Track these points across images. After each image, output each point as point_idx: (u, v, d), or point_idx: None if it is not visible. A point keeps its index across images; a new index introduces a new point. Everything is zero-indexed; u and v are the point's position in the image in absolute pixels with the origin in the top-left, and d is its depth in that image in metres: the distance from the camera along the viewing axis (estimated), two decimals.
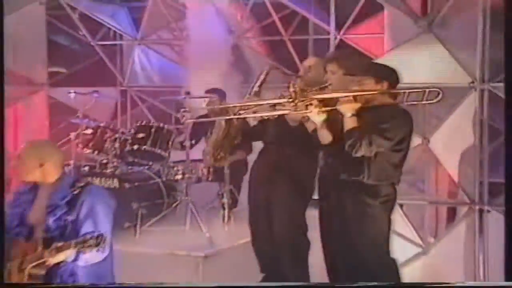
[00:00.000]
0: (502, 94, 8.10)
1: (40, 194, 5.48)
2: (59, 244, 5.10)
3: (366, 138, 6.02)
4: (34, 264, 5.27)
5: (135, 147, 9.43)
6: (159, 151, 9.37)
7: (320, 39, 11.43)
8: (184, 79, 11.63)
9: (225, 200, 9.02)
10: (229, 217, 9.00)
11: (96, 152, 9.58)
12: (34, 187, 5.50)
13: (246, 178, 8.98)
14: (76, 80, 12.00)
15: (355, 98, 6.13)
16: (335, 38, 10.66)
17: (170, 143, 9.40)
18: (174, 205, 9.02)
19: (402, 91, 6.24)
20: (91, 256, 5.16)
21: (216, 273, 7.87)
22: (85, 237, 5.16)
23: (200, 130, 9.61)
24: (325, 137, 6.36)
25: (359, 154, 6.07)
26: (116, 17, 12.00)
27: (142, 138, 9.38)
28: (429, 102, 6.13)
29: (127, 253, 7.06)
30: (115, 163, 9.51)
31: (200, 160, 9.36)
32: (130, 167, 9.66)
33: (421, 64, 7.17)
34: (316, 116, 6.25)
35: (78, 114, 10.44)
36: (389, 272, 6.51)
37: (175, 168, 9.36)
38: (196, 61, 11.25)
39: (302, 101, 6.20)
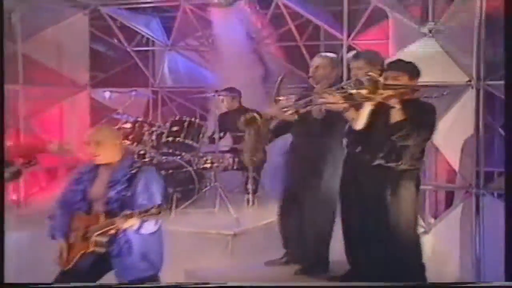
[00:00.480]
0: (495, 91, 8.18)
1: (101, 173, 5.77)
2: (128, 212, 5.38)
3: (416, 129, 6.16)
4: (99, 232, 5.54)
5: (170, 139, 9.67)
6: (191, 142, 9.59)
7: (330, 44, 11.32)
8: (209, 81, 11.79)
9: (249, 186, 9.23)
10: (253, 201, 9.22)
11: (135, 143, 9.76)
12: (95, 167, 5.80)
13: (266, 166, 9.32)
14: (113, 82, 12.27)
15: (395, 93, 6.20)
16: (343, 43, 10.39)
17: (200, 135, 9.62)
18: (204, 190, 9.30)
19: (430, 86, 6.57)
20: (149, 226, 5.47)
21: (244, 249, 8.12)
22: (148, 207, 5.43)
23: (226, 125, 9.77)
24: (361, 124, 6.40)
25: (406, 143, 6.19)
26: (150, 25, 12.09)
27: (176, 131, 9.62)
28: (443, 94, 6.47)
29: (165, 231, 7.35)
30: (152, 154, 9.72)
31: (227, 151, 9.56)
32: (164, 157, 9.75)
33: (422, 66, 7.34)
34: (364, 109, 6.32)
35: (118, 111, 10.86)
36: (416, 248, 6.62)
37: (205, 158, 9.53)
38: (220, 65, 11.28)
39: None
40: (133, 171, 5.72)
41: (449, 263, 8.34)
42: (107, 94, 12.33)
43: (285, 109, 7.36)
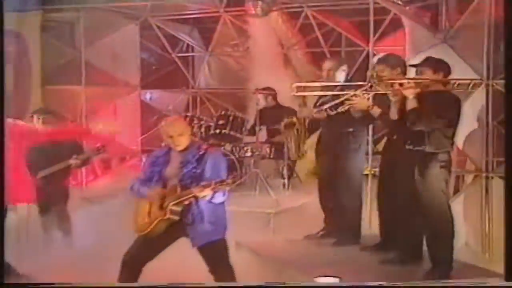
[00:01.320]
0: (502, 89, 7.80)
1: (173, 156, 5.95)
2: (204, 183, 5.55)
3: (424, 116, 6.22)
4: (174, 202, 5.72)
5: (217, 131, 9.81)
6: (235, 134, 9.76)
7: (350, 50, 11.33)
8: (243, 83, 11.68)
9: (285, 172, 9.41)
10: (288, 185, 9.41)
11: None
12: (167, 152, 6.01)
13: None
14: (160, 84, 12.45)
15: (416, 85, 6.29)
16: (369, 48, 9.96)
17: (243, 128, 9.76)
18: (246, 176, 9.45)
19: (453, 81, 6.46)
20: (219, 196, 5.63)
21: (284, 226, 8.19)
22: (222, 178, 5.65)
23: (263, 119, 9.81)
24: (393, 115, 6.55)
25: (417, 129, 6.25)
26: (191, 34, 12.19)
27: (222, 124, 9.75)
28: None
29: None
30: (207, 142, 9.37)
31: (264, 142, 9.67)
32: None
33: None
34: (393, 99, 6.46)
35: (169, 107, 11.10)
36: (446, 217, 6.55)
37: (245, 148, 9.69)
38: (253, 68, 11.24)
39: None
40: (201, 152, 5.87)
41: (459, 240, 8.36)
42: (148, 95, 12.46)
43: (316, 110, 7.56)
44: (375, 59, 7.97)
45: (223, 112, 10.07)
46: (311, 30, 11.06)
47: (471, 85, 6.66)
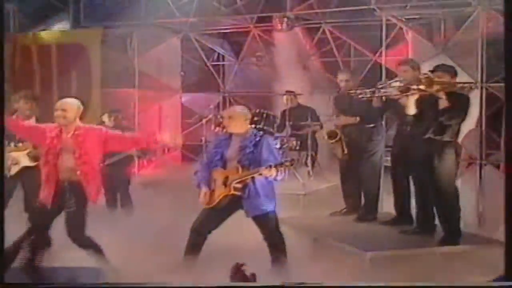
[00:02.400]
0: (495, 91, 8.25)
1: (234, 140, 6.04)
2: (271, 164, 5.66)
3: (457, 113, 6.41)
4: (238, 180, 5.82)
5: (253, 126, 9.24)
6: (268, 129, 9.45)
7: (359, 60, 11.42)
8: (267, 88, 11.86)
9: (309, 161, 9.46)
10: (312, 172, 9.45)
11: (224, 129, 10.14)
12: (229, 136, 6.10)
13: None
14: (195, 87, 12.49)
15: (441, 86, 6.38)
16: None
17: (275, 124, 9.59)
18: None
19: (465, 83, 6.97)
20: (280, 175, 5.65)
21: (311, 205, 8.38)
22: (283, 161, 5.78)
23: (290, 117, 9.87)
24: (413, 110, 6.62)
25: (449, 123, 6.40)
26: (223, 45, 12.30)
27: (257, 120, 9.47)
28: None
29: None
30: None
31: (292, 135, 9.66)
32: None
33: None
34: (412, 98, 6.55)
35: (210, 107, 11.23)
36: (454, 195, 6.67)
37: (275, 141, 9.31)
38: (277, 76, 11.43)
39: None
40: (257, 138, 5.95)
41: None
42: (183, 97, 12.46)
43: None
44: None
45: (258, 110, 9.84)
46: (326, 42, 11.13)
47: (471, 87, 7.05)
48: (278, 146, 7.70)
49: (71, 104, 6.07)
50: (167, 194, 8.87)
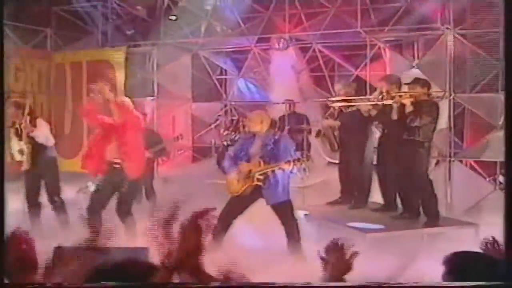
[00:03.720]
0: (459, 100, 8.54)
1: (257, 139, 6.15)
2: (291, 159, 5.80)
3: (419, 116, 6.64)
4: (261, 173, 5.91)
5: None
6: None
7: (343, 74, 11.06)
8: (264, 98, 11.79)
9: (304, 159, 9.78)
10: (307, 168, 9.75)
11: (232, 131, 10.14)
12: (253, 135, 6.21)
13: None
14: (203, 98, 12.31)
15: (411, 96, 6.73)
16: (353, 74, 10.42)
17: (276, 127, 9.77)
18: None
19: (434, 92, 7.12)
20: (297, 169, 5.84)
21: (311, 196, 8.41)
22: (300, 157, 5.93)
23: (290, 122, 9.89)
24: (394, 116, 6.87)
25: (414, 125, 6.63)
26: (227, 62, 12.21)
27: None
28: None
29: None
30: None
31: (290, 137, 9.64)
32: None
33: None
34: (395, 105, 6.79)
35: (220, 114, 11.32)
36: (429, 186, 6.89)
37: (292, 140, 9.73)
38: (273, 87, 11.34)
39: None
40: (276, 137, 6.09)
41: None
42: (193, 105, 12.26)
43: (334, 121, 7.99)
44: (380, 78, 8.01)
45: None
46: (315, 59, 11.10)
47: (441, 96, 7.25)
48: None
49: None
50: (183, 189, 8.69)
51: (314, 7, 10.27)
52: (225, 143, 10.23)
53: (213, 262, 2.18)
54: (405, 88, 7.17)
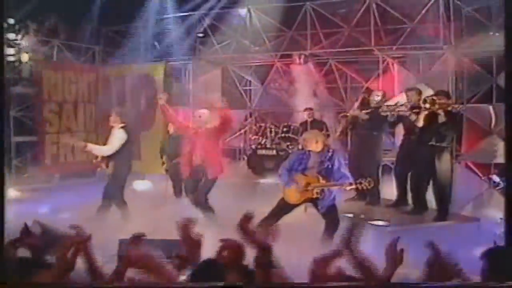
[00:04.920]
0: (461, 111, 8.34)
1: (312, 155, 6.13)
2: (351, 182, 5.88)
3: (451, 126, 6.76)
4: (320, 188, 5.92)
5: (283, 135, 10.09)
6: (294, 136, 10.00)
7: (354, 86, 11.37)
8: (287, 105, 11.96)
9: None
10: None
11: (261, 137, 10.28)
12: (308, 153, 6.18)
13: None
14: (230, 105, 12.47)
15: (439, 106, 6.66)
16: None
17: (298, 133, 9.88)
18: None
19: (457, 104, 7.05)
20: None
21: None
22: (363, 180, 5.98)
23: (312, 128, 9.62)
24: (420, 123, 6.94)
25: (446, 133, 6.71)
26: (251, 75, 12.41)
27: (287, 130, 10.01)
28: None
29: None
30: (273, 143, 10.08)
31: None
32: (276, 145, 10.13)
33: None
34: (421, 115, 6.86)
35: (248, 121, 11.49)
36: (449, 185, 7.06)
37: (299, 145, 9.31)
38: (294, 96, 11.57)
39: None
40: (330, 154, 6.06)
41: None
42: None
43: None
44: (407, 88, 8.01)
45: (286, 123, 10.28)
46: (331, 72, 11.29)
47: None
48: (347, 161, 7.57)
49: (204, 113, 6.87)
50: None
51: (332, 27, 10.38)
52: (253, 146, 10.44)
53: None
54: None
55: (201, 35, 11.49)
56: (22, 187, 9.44)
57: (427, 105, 6.66)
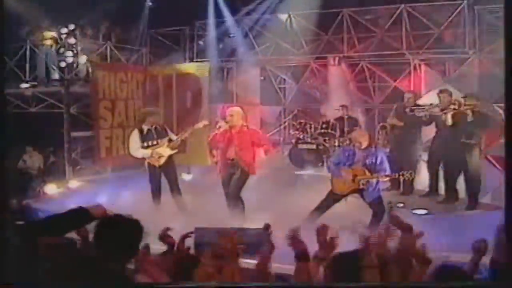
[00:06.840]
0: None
1: (358, 151, 6.43)
2: (391, 174, 6.30)
3: (479, 125, 7.11)
4: (366, 180, 6.24)
5: (322, 130, 10.55)
6: (332, 132, 10.47)
7: (382, 85, 11.99)
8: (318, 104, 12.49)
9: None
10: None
11: (301, 132, 10.69)
12: (353, 150, 6.50)
13: None
14: (267, 102, 13.09)
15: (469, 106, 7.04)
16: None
17: (336, 128, 10.40)
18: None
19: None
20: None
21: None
22: (404, 172, 6.39)
23: (347, 124, 10.54)
24: (450, 122, 7.29)
25: (474, 131, 7.09)
26: (288, 74, 12.94)
27: (326, 127, 10.53)
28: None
29: None
30: (312, 137, 10.53)
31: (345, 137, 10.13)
32: (315, 140, 10.55)
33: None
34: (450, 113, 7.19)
35: (288, 118, 12.23)
36: (479, 178, 7.38)
37: (335, 140, 10.42)
38: (328, 95, 12.05)
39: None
40: (373, 150, 6.40)
41: None
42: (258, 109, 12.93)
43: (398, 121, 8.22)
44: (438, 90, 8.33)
45: (325, 120, 10.80)
46: (362, 73, 11.91)
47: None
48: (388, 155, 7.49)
49: (237, 111, 6.81)
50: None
51: (365, 32, 10.95)
52: (293, 141, 11.09)
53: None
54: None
55: (231, 35, 12.08)
56: (81, 179, 10.21)
57: (456, 106, 7.23)
